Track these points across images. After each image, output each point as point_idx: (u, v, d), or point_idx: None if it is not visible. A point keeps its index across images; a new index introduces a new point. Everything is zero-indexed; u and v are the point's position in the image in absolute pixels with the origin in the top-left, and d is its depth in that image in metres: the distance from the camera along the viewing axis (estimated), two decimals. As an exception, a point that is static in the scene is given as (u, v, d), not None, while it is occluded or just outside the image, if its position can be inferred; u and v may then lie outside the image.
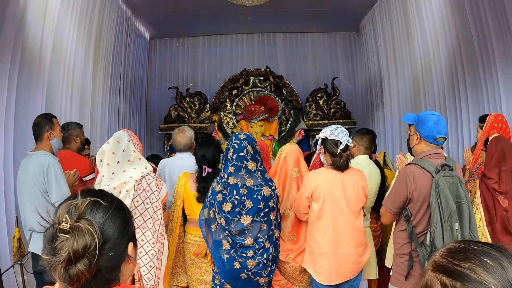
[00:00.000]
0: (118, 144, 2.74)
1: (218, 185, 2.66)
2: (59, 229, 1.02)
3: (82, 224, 1.02)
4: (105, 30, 5.86)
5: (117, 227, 1.10)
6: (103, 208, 1.09)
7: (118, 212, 1.13)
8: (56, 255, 1.00)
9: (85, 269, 1.00)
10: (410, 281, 2.41)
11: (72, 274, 1.00)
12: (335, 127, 2.77)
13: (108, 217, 1.09)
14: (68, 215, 1.03)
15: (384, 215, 2.55)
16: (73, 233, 1.01)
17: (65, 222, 1.02)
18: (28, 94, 4.02)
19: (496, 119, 3.28)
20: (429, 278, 0.84)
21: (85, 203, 1.07)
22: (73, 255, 0.99)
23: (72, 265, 1.00)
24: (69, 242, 1.00)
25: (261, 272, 2.62)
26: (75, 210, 1.06)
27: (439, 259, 0.85)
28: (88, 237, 1.01)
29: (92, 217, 1.06)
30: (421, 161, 2.39)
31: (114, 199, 1.16)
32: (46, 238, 1.05)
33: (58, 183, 2.97)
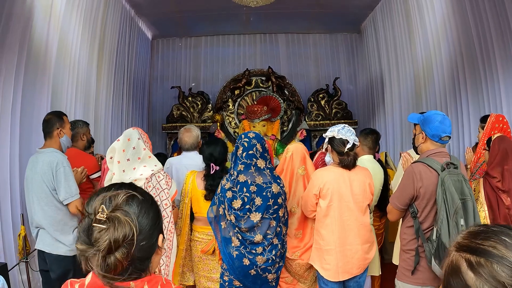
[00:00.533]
0: (129, 142, 2.76)
1: (227, 182, 2.70)
2: (96, 219, 1.05)
3: (120, 215, 1.06)
4: (108, 30, 5.90)
5: (150, 219, 1.14)
6: (137, 200, 1.13)
7: (150, 204, 1.17)
8: (95, 245, 1.04)
9: (122, 258, 1.04)
10: (416, 275, 2.47)
11: (110, 263, 1.04)
12: (342, 126, 2.83)
13: (143, 209, 1.13)
14: (104, 206, 1.07)
15: (391, 212, 2.61)
16: (113, 223, 1.05)
17: (101, 212, 1.05)
18: (33, 93, 4.04)
19: (497, 119, 3.35)
20: (454, 257, 0.91)
21: (121, 195, 1.11)
22: (113, 245, 1.03)
23: (111, 254, 1.03)
24: (108, 231, 1.03)
25: (270, 268, 2.67)
26: (111, 202, 1.09)
27: (462, 240, 0.93)
28: (127, 227, 1.05)
29: (127, 208, 1.10)
30: (427, 159, 2.45)
31: (146, 193, 1.20)
32: (81, 228, 1.09)
33: (67, 180, 2.98)
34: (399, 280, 2.58)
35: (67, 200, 2.97)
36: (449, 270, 0.91)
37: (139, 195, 1.15)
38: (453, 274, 0.89)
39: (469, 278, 0.85)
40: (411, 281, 2.49)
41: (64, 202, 2.97)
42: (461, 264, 0.88)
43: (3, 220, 3.48)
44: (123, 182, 1.22)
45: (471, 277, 0.85)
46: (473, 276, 0.84)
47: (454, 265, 0.90)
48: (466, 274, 0.86)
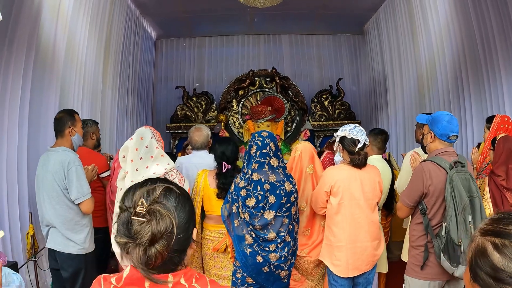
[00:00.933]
0: (141, 140, 2.78)
1: (241, 181, 2.75)
2: (135, 212, 1.08)
3: (160, 208, 1.09)
4: (114, 30, 5.95)
5: (187, 212, 1.17)
6: (174, 194, 1.16)
7: (187, 198, 1.20)
8: (137, 238, 1.06)
9: (163, 250, 1.07)
10: (425, 271, 2.54)
11: (151, 254, 1.06)
12: (353, 126, 2.89)
13: (180, 203, 1.16)
14: (144, 199, 1.09)
15: (400, 209, 2.68)
16: (154, 215, 1.07)
17: (141, 206, 1.08)
18: (42, 92, 4.05)
19: (502, 120, 3.43)
20: (480, 241, 1.01)
21: (159, 188, 1.14)
22: (155, 237, 1.06)
23: (152, 246, 1.06)
24: (150, 224, 1.06)
25: (283, 265, 2.72)
26: (149, 195, 1.12)
27: (486, 226, 1.03)
28: (167, 220, 1.08)
29: (166, 202, 1.12)
30: (436, 158, 2.52)
31: (181, 187, 1.24)
32: (120, 222, 1.11)
33: (79, 180, 2.96)
34: (408, 276, 2.65)
35: (79, 199, 2.95)
36: (476, 252, 1.00)
37: (176, 189, 1.19)
38: (480, 256, 0.98)
39: (495, 258, 0.95)
40: (420, 276, 2.57)
41: (76, 201, 2.96)
42: (487, 246, 0.98)
43: (11, 219, 3.48)
44: (159, 177, 1.24)
45: (497, 257, 0.95)
46: (498, 256, 0.95)
47: (481, 247, 0.99)
48: (492, 254, 0.96)
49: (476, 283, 1.00)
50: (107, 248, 4.09)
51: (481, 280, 0.98)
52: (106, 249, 4.03)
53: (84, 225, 3.06)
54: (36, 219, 3.42)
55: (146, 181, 1.20)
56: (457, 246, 2.34)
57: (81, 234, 3.03)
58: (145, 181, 1.21)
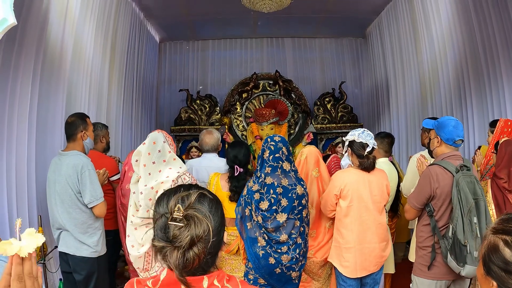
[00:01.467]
0: (154, 145, 2.82)
1: (255, 184, 2.82)
2: (172, 217, 1.13)
3: (197, 213, 1.14)
4: (120, 33, 5.97)
5: (219, 216, 1.23)
6: (208, 199, 1.22)
7: (218, 203, 1.26)
8: (174, 242, 1.12)
9: (200, 253, 1.13)
10: (432, 270, 2.64)
11: (189, 257, 1.12)
12: (361, 130, 2.97)
13: (213, 207, 1.22)
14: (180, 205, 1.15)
15: (408, 211, 2.77)
16: (192, 220, 1.13)
17: (177, 211, 1.13)
18: (49, 95, 4.07)
19: (506, 124, 3.52)
20: (492, 238, 1.14)
21: (194, 194, 1.20)
22: (193, 240, 1.11)
23: (190, 249, 1.12)
24: (188, 228, 1.12)
25: (294, 267, 2.80)
26: (184, 201, 1.18)
27: (497, 226, 1.16)
28: (204, 224, 1.14)
29: (200, 206, 1.18)
30: (442, 162, 2.61)
31: (212, 192, 1.29)
32: (158, 227, 1.16)
33: (92, 184, 3.00)
34: (416, 275, 2.74)
35: (92, 203, 2.99)
36: (489, 248, 1.13)
37: (209, 194, 1.24)
38: (493, 252, 1.12)
39: (506, 253, 1.09)
40: (428, 276, 2.66)
41: (89, 205, 3.00)
42: (499, 243, 1.11)
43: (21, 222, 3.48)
44: (191, 184, 1.32)
45: (508, 252, 1.09)
46: (509, 251, 1.09)
47: (493, 244, 1.12)
48: (504, 250, 1.09)
49: (490, 276, 1.13)
50: (117, 250, 4.16)
51: (494, 273, 1.11)
52: (115, 251, 4.09)
53: (96, 228, 3.11)
54: (45, 222, 3.45)
55: (179, 187, 1.25)
56: (463, 247, 2.43)
57: (94, 237, 3.08)
58: (178, 187, 1.26)
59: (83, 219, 3.04)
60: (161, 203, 1.22)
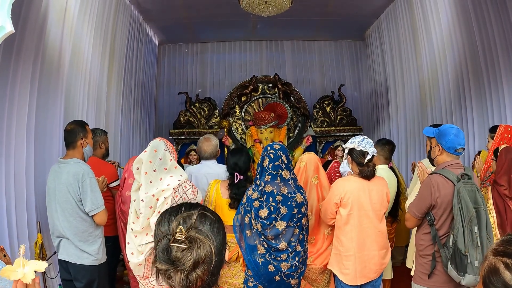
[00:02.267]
0: (155, 153, 2.81)
1: (254, 192, 2.82)
2: (174, 239, 1.13)
3: (198, 235, 1.14)
4: (118, 36, 5.95)
5: (221, 236, 1.23)
6: (209, 219, 1.21)
7: (220, 222, 1.26)
8: (178, 264, 1.11)
9: (203, 275, 1.12)
10: (433, 279, 2.64)
11: (192, 280, 1.11)
12: (361, 138, 2.96)
13: (215, 228, 1.21)
14: (182, 226, 1.14)
15: (409, 219, 2.77)
16: (195, 242, 1.12)
17: (179, 233, 1.12)
18: (47, 100, 4.04)
19: (506, 130, 3.51)
20: (492, 260, 1.12)
21: (195, 214, 1.19)
22: (196, 263, 1.11)
23: (194, 272, 1.11)
24: (192, 251, 1.11)
25: (293, 274, 2.80)
26: (185, 222, 1.17)
27: (498, 247, 1.14)
28: (207, 246, 1.13)
29: (202, 227, 1.17)
30: (443, 170, 2.60)
31: (214, 212, 1.29)
32: (160, 249, 1.15)
33: (93, 192, 2.99)
34: (416, 283, 2.74)
35: (93, 211, 2.99)
36: (489, 270, 1.12)
37: (210, 214, 1.23)
38: (493, 274, 1.10)
39: (506, 276, 1.07)
40: (428, 284, 2.66)
41: (90, 213, 3.00)
42: (499, 265, 1.09)
43: (19, 228, 3.46)
44: (192, 203, 1.30)
45: (508, 275, 1.07)
46: (509, 274, 1.07)
47: (493, 266, 1.11)
48: (504, 273, 1.07)
49: None
50: (116, 256, 4.15)
51: None
52: (115, 257, 4.09)
53: (97, 236, 3.11)
54: (44, 229, 3.45)
55: (181, 207, 1.25)
56: (464, 256, 2.42)
57: (94, 245, 3.07)
58: (180, 206, 1.25)
59: (84, 228, 3.04)
60: (162, 223, 1.21)
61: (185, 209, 1.23)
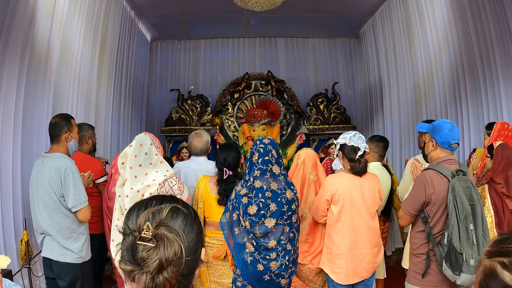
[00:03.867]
0: (141, 147, 2.75)
1: (243, 188, 2.73)
2: (140, 237, 1.00)
3: (167, 232, 1.01)
4: (109, 31, 5.89)
5: (195, 233, 1.10)
6: (182, 214, 1.09)
7: (194, 218, 1.12)
8: (142, 265, 0.98)
9: (171, 277, 1.00)
10: (427, 278, 2.55)
11: (159, 282, 0.99)
12: (353, 133, 2.88)
13: (188, 224, 1.08)
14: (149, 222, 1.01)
15: (402, 217, 2.68)
16: (162, 241, 1.00)
17: (146, 230, 1.00)
18: (35, 94, 3.98)
19: (502, 127, 3.45)
20: (487, 263, 1.03)
21: (166, 209, 1.06)
22: (163, 264, 0.98)
23: (160, 274, 0.99)
24: (158, 250, 0.99)
25: (283, 274, 2.71)
26: (155, 217, 1.04)
27: (491, 248, 1.06)
28: (176, 245, 1.00)
29: (173, 224, 1.05)
30: (437, 166, 2.52)
31: (188, 205, 1.15)
32: (125, 247, 1.02)
33: (76, 187, 2.89)
34: (410, 283, 2.65)
35: (76, 207, 2.89)
36: (486, 275, 1.03)
37: (183, 208, 1.10)
38: (491, 277, 1.01)
39: (505, 276, 0.98)
40: (422, 284, 2.57)
41: (73, 209, 2.90)
42: (496, 266, 1.01)
43: (5, 225, 3.41)
44: (165, 195, 1.17)
45: (507, 275, 0.98)
46: (508, 274, 0.98)
47: (489, 269, 1.02)
48: (502, 274, 0.99)
49: None
50: (103, 254, 4.05)
51: None
52: (101, 255, 3.99)
53: (81, 233, 3.01)
54: (30, 226, 3.36)
55: (151, 200, 1.13)
56: (459, 255, 2.34)
57: (78, 242, 2.97)
58: (151, 199, 1.13)
59: (67, 224, 2.94)
60: (130, 218, 1.08)
61: (156, 202, 1.11)
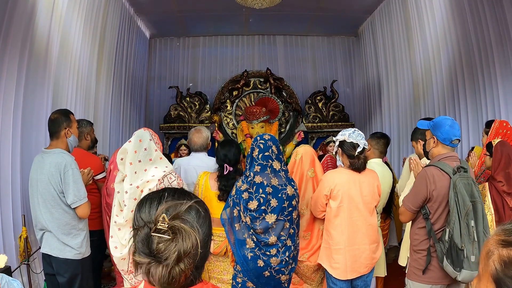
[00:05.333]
0: (140, 143, 2.74)
1: (243, 184, 2.72)
2: (156, 229, 1.00)
3: (184, 225, 1.02)
4: (109, 28, 5.87)
5: (207, 226, 1.11)
6: (195, 208, 1.09)
7: (206, 211, 1.13)
8: (159, 257, 0.99)
9: (187, 269, 1.01)
10: (427, 275, 2.56)
11: (175, 274, 1.00)
12: (352, 130, 2.89)
13: (201, 217, 1.09)
14: (165, 215, 1.02)
15: (403, 213, 2.68)
16: (180, 233, 1.00)
17: (162, 221, 1.00)
18: (35, 91, 3.97)
19: (501, 125, 3.45)
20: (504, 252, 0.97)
21: (185, 205, 1.06)
22: (181, 256, 0.99)
23: (177, 266, 1.00)
24: (176, 242, 0.99)
25: (283, 270, 2.70)
26: (169, 209, 1.04)
27: (506, 238, 0.99)
28: (192, 237, 1.01)
29: (187, 216, 1.05)
30: (439, 163, 2.52)
31: (200, 199, 1.15)
32: (140, 239, 1.03)
33: (76, 183, 2.88)
34: (410, 280, 2.65)
35: (76, 203, 2.88)
36: (504, 263, 0.96)
37: (195, 203, 1.11)
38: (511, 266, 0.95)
39: None
40: (422, 280, 2.57)
41: (72, 205, 2.89)
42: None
43: (4, 221, 3.39)
44: (176, 188, 1.17)
45: None
46: None
47: (508, 258, 0.96)
48: None
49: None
50: (102, 251, 4.03)
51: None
52: (100, 252, 3.97)
53: (80, 229, 2.99)
54: (29, 222, 3.35)
55: (163, 192, 1.12)
56: (460, 251, 2.35)
57: (77, 238, 2.96)
58: (162, 191, 1.13)
59: (66, 220, 2.93)
60: (143, 209, 1.08)
61: (169, 194, 1.11)
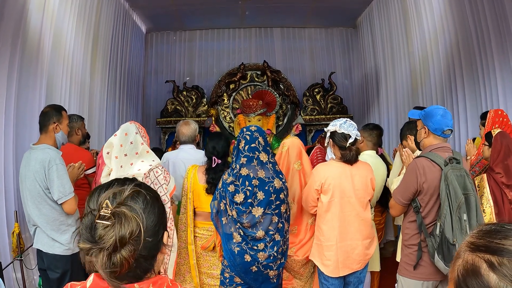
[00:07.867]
0: (126, 136, 2.71)
1: (229, 177, 2.66)
2: (99, 215, 1.00)
3: (126, 211, 1.01)
4: (103, 22, 5.82)
5: (156, 215, 1.08)
6: (143, 195, 1.08)
7: (156, 200, 1.12)
8: (99, 243, 0.98)
9: (129, 256, 0.99)
10: (418, 270, 2.47)
11: (116, 261, 0.98)
12: (344, 120, 2.80)
13: (148, 204, 1.07)
14: (109, 201, 1.01)
15: (393, 207, 2.60)
16: (119, 218, 0.99)
17: (105, 208, 1.00)
18: (28, 86, 3.94)
19: (496, 114, 3.38)
20: (470, 258, 0.85)
21: (126, 190, 1.05)
22: (120, 242, 0.98)
23: (117, 252, 0.98)
24: (114, 228, 0.98)
25: (272, 265, 2.64)
26: (115, 197, 1.03)
27: (476, 240, 0.87)
28: (133, 223, 1.00)
29: (133, 203, 1.04)
30: (430, 154, 2.44)
31: (150, 187, 1.15)
32: (84, 225, 1.02)
33: (60, 179, 2.82)
34: (401, 275, 2.57)
35: (61, 199, 2.83)
36: (466, 271, 0.85)
37: (144, 190, 1.10)
38: (472, 276, 0.83)
39: (491, 279, 0.80)
40: (413, 276, 2.49)
41: (58, 201, 2.84)
42: (481, 265, 0.82)
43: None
44: (126, 177, 1.15)
45: (494, 278, 0.80)
46: (495, 277, 0.79)
47: (471, 266, 0.84)
48: (488, 275, 0.81)
49: None
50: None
51: None
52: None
53: (69, 225, 2.95)
54: (22, 218, 3.33)
55: (113, 182, 1.11)
56: (452, 246, 2.26)
57: (66, 234, 2.92)
58: (112, 181, 1.11)
59: (54, 216, 2.89)
60: (92, 198, 1.06)
61: (118, 183, 1.09)
